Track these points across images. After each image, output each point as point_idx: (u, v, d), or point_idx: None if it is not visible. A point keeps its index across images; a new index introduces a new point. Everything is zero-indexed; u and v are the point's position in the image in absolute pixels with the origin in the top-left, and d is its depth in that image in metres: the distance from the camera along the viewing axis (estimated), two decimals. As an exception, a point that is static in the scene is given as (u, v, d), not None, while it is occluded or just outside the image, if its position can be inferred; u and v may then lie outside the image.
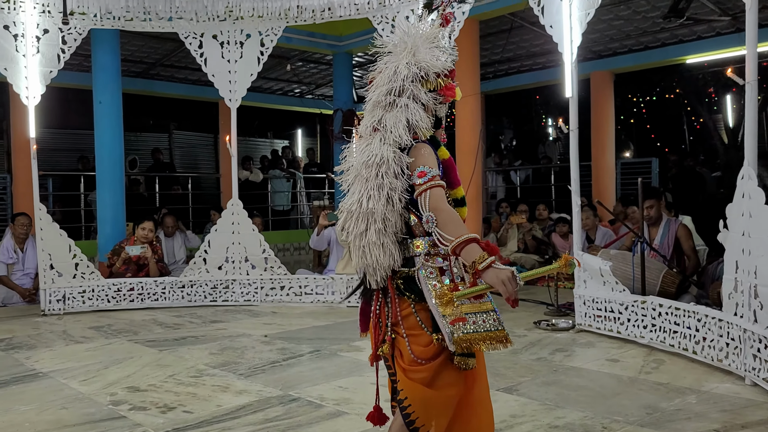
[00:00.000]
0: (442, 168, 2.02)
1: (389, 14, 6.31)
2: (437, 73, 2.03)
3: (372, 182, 1.94)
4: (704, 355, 3.92)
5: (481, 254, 1.75)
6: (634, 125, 15.06)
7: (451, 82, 2.04)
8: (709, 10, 8.09)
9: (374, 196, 1.93)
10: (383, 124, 1.99)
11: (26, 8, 6.13)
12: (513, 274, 1.72)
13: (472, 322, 1.92)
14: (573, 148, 5.07)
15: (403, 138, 1.96)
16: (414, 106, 1.99)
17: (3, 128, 11.59)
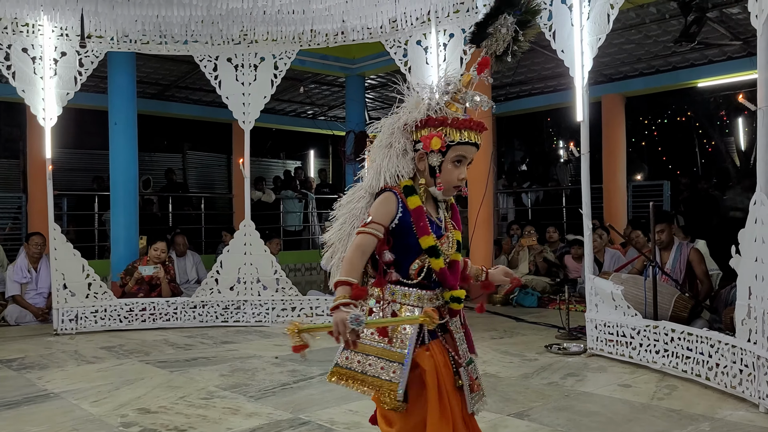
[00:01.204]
0: (410, 215, 2.03)
1: (402, 38, 6.38)
2: (416, 123, 2.05)
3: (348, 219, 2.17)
4: (717, 382, 3.88)
5: (339, 296, 1.88)
6: (646, 148, 15.06)
7: (434, 131, 2.03)
8: (720, 34, 8.12)
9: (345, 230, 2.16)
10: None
11: (44, 31, 6.25)
12: (350, 319, 1.79)
13: (368, 364, 2.01)
14: (584, 172, 5.08)
15: (372, 184, 2.11)
16: (389, 153, 2.08)
17: (19, 148, 11.76)
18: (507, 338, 5.80)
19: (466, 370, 2.09)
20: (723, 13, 7.57)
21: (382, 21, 6.35)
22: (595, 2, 4.85)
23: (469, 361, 2.12)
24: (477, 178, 7.90)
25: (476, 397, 2.12)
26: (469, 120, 2.07)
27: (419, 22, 6.22)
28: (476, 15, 5.83)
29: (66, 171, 11.62)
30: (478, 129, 2.08)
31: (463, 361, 2.09)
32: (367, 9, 6.25)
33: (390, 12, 6.22)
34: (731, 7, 7.37)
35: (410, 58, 6.35)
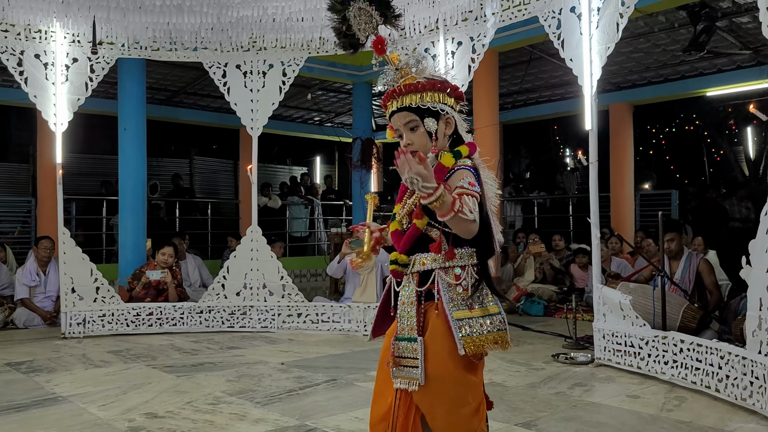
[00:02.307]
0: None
1: (410, 46, 6.40)
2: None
3: None
4: (727, 394, 3.85)
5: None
6: (654, 157, 15.02)
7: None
8: (729, 43, 8.12)
9: None
10: None
11: (57, 38, 6.30)
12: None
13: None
14: (593, 180, 5.07)
15: None
16: None
17: (29, 153, 11.85)
18: (513, 347, 5.75)
19: (393, 344, 2.10)
20: (732, 22, 7.57)
21: (390, 29, 6.35)
22: (605, 11, 4.86)
23: (402, 338, 2.09)
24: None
25: (395, 372, 2.09)
26: (386, 94, 2.13)
27: (427, 30, 6.23)
28: (485, 23, 5.84)
29: (75, 175, 11.68)
30: (393, 96, 2.11)
31: (397, 334, 2.11)
32: (375, 17, 6.26)
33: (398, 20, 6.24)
34: (741, 17, 7.37)
35: (419, 66, 6.36)
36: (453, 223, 1.89)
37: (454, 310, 2.02)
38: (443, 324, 2.03)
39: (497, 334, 2.05)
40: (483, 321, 2.03)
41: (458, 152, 2.10)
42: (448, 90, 2.12)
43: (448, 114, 2.11)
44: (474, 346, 2.00)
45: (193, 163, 14.38)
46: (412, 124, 2.11)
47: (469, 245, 2.08)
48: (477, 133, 8.16)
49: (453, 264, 2.06)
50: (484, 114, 8.08)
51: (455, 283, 2.05)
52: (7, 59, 6.18)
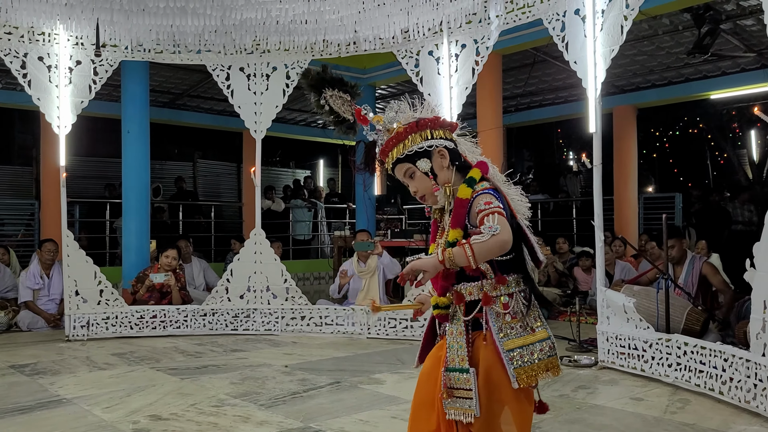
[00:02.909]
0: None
1: (414, 48, 6.41)
2: None
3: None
4: (731, 396, 3.84)
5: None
6: (657, 160, 15.00)
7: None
8: (733, 46, 8.10)
9: None
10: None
11: (60, 40, 6.32)
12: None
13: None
14: (597, 183, 5.06)
15: None
16: None
17: (33, 156, 11.88)
18: (517, 349, 5.76)
19: (444, 375, 2.06)
20: (737, 25, 7.56)
21: (394, 31, 6.38)
22: (609, 13, 4.86)
23: (453, 368, 2.06)
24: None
25: (448, 403, 2.05)
26: (379, 154, 2.21)
27: (431, 33, 6.24)
28: (488, 25, 5.84)
29: (78, 178, 11.71)
30: (384, 155, 2.18)
31: (448, 365, 2.07)
32: (379, 19, 6.28)
33: (402, 22, 6.25)
34: (745, 19, 7.35)
35: (422, 69, 6.38)
36: (482, 257, 1.90)
37: (504, 341, 1.99)
38: (493, 355, 1.99)
39: (548, 361, 2.02)
40: (533, 348, 2.00)
41: (471, 179, 2.07)
42: (428, 124, 2.11)
43: (438, 147, 2.10)
44: (527, 377, 1.97)
45: (196, 166, 14.39)
46: (410, 172, 2.13)
47: (515, 271, 2.07)
48: (480, 137, 8.15)
49: (500, 293, 2.04)
50: (487, 117, 8.07)
51: (503, 312, 2.03)
52: (10, 62, 6.20)
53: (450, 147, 2.13)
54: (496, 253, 1.92)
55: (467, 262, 1.88)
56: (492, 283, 2.04)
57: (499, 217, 1.91)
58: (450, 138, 2.15)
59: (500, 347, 1.97)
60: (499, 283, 2.03)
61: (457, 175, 2.11)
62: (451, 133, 2.17)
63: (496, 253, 1.92)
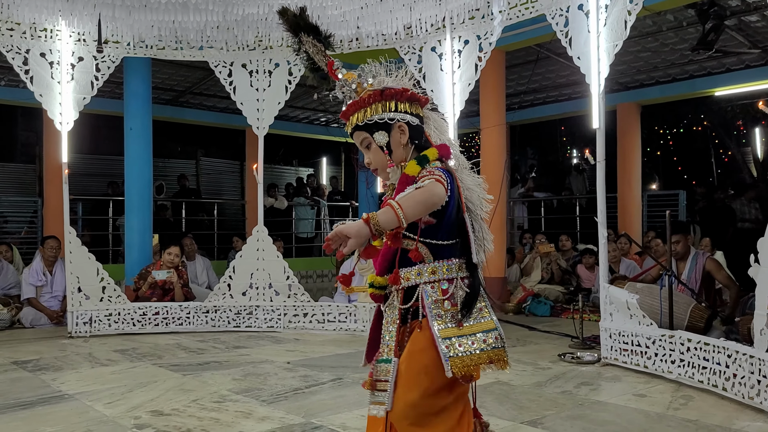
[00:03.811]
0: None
1: (416, 45, 6.39)
2: None
3: None
4: (735, 392, 3.82)
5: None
6: (661, 157, 14.96)
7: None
8: (738, 42, 8.07)
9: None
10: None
11: (62, 37, 6.31)
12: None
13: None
14: (600, 180, 5.04)
15: None
16: None
17: (36, 153, 11.90)
18: (520, 347, 5.75)
19: (372, 367, 1.98)
20: (741, 21, 7.53)
21: (396, 27, 6.36)
22: (612, 8, 4.84)
23: (381, 360, 1.95)
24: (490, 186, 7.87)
25: (371, 398, 1.95)
26: (341, 116, 2.07)
27: (434, 29, 6.22)
28: (492, 21, 5.82)
29: (81, 176, 11.72)
30: (345, 118, 2.03)
31: (380, 356, 1.97)
32: (382, 15, 6.27)
33: (405, 18, 6.24)
34: (750, 15, 7.32)
35: (425, 65, 6.36)
36: (412, 210, 1.72)
37: (442, 328, 1.85)
38: (427, 341, 1.85)
39: (492, 353, 1.87)
40: (475, 338, 1.85)
41: (424, 157, 1.93)
42: (394, 95, 1.96)
43: (400, 121, 1.96)
44: (463, 366, 1.81)
45: (199, 164, 14.40)
46: (366, 143, 2.00)
47: (458, 256, 1.92)
48: (483, 134, 8.14)
49: (439, 277, 1.89)
50: (490, 114, 8.06)
51: (442, 298, 1.88)
52: (12, 58, 6.20)
53: (413, 123, 1.98)
54: (428, 205, 1.76)
55: (396, 219, 1.70)
56: (431, 267, 1.89)
57: (434, 182, 1.77)
58: (417, 113, 2.01)
59: (436, 334, 1.84)
60: (414, 258, 1.87)
61: (414, 155, 1.97)
62: (419, 108, 2.03)
63: (428, 205, 1.76)
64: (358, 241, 1.69)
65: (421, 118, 2.02)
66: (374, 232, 1.70)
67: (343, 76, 2.03)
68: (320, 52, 2.13)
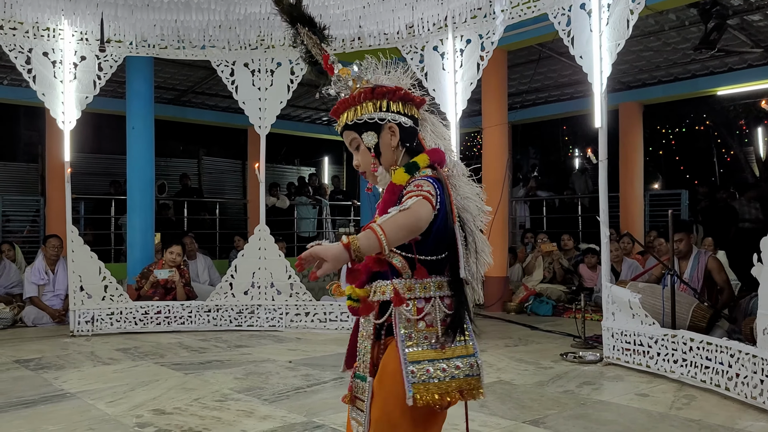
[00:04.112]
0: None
1: (418, 44, 6.38)
2: None
3: None
4: (737, 392, 3.82)
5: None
6: (663, 157, 14.94)
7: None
8: (740, 41, 8.06)
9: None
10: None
11: (65, 36, 6.32)
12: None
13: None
14: (602, 179, 5.03)
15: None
16: None
17: (38, 152, 11.91)
18: (521, 346, 5.75)
19: (352, 381, 1.88)
20: (744, 20, 7.52)
21: (398, 27, 6.36)
22: (615, 7, 4.83)
23: (357, 375, 1.86)
24: (492, 186, 7.87)
25: (353, 412, 1.85)
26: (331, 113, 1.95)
27: (436, 28, 6.22)
28: (494, 20, 5.82)
29: (84, 175, 11.73)
30: (336, 116, 1.92)
31: (357, 370, 1.86)
32: (384, 15, 6.26)
33: (407, 18, 6.23)
34: (752, 14, 7.31)
35: (427, 64, 6.35)
36: (395, 235, 1.59)
37: (411, 350, 1.69)
38: (395, 363, 1.71)
39: (464, 381, 1.70)
40: (447, 364, 1.69)
41: (413, 164, 1.78)
42: (388, 94, 1.83)
43: (391, 122, 1.82)
44: (427, 395, 1.65)
45: (201, 163, 14.41)
46: (355, 143, 1.87)
47: (439, 274, 1.76)
48: (485, 134, 8.14)
49: (416, 295, 1.73)
50: (492, 114, 8.05)
51: (417, 317, 1.71)
52: (15, 57, 6.21)
53: (405, 125, 1.84)
54: (412, 230, 1.63)
55: (378, 245, 1.57)
56: (407, 283, 1.73)
57: (421, 200, 1.64)
58: (411, 114, 1.86)
59: (403, 357, 1.68)
60: (419, 277, 1.73)
61: (405, 159, 1.83)
62: (414, 109, 1.88)
63: (412, 230, 1.63)
64: (334, 266, 1.56)
65: (416, 119, 1.89)
66: (353, 258, 1.57)
67: (338, 72, 1.91)
68: (316, 44, 2.03)
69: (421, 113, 1.92)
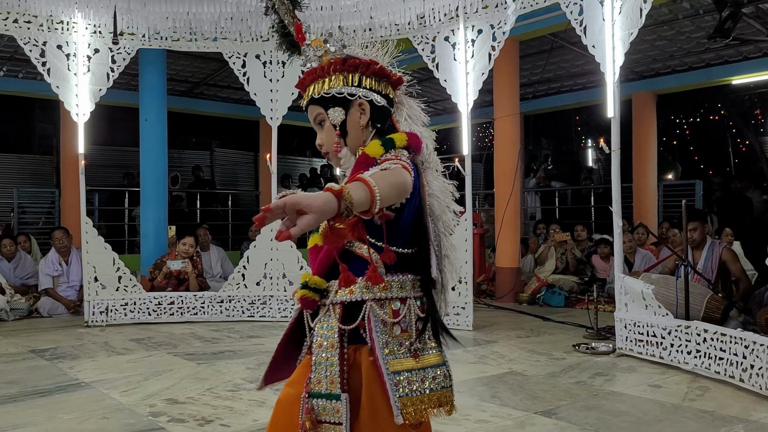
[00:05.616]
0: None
1: (429, 34, 6.35)
2: None
3: None
4: (752, 384, 3.79)
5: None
6: (677, 147, 14.81)
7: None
8: (755, 30, 7.95)
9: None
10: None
11: (78, 29, 6.35)
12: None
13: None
14: (615, 170, 5.00)
15: None
16: None
17: (53, 145, 12.01)
18: (534, 337, 5.74)
19: (306, 402, 1.51)
20: (759, 9, 7.41)
21: (409, 17, 6.33)
22: (628, -4, 4.78)
23: (318, 394, 1.50)
24: (504, 176, 7.84)
25: None
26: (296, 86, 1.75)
27: (447, 18, 6.18)
28: (505, 10, 5.78)
29: (98, 167, 11.81)
30: (302, 88, 1.70)
31: (312, 387, 1.51)
32: (395, 5, 6.24)
33: (418, 8, 6.20)
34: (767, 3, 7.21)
35: (438, 55, 6.32)
36: (387, 192, 1.32)
37: (390, 359, 1.47)
38: (377, 375, 1.48)
39: (441, 394, 1.52)
40: (425, 374, 1.50)
41: (390, 141, 1.57)
42: (361, 68, 1.62)
43: (362, 98, 1.62)
44: (414, 411, 1.46)
45: (213, 155, 14.45)
46: (319, 119, 1.66)
47: (413, 271, 1.56)
48: (497, 124, 8.10)
49: (391, 295, 1.52)
50: (504, 104, 8.02)
51: (393, 321, 1.50)
52: (30, 50, 6.25)
53: (378, 104, 1.64)
54: (401, 191, 1.40)
55: (370, 199, 1.27)
56: (385, 281, 1.51)
57: (401, 168, 1.43)
58: (386, 93, 1.66)
59: (384, 367, 1.46)
60: (385, 260, 1.48)
61: (374, 141, 1.61)
62: (389, 88, 1.68)
63: (401, 191, 1.40)
64: (318, 220, 1.21)
65: (391, 100, 1.68)
66: (342, 212, 1.23)
67: (309, 41, 1.70)
68: (289, 12, 1.92)
69: (398, 95, 1.72)
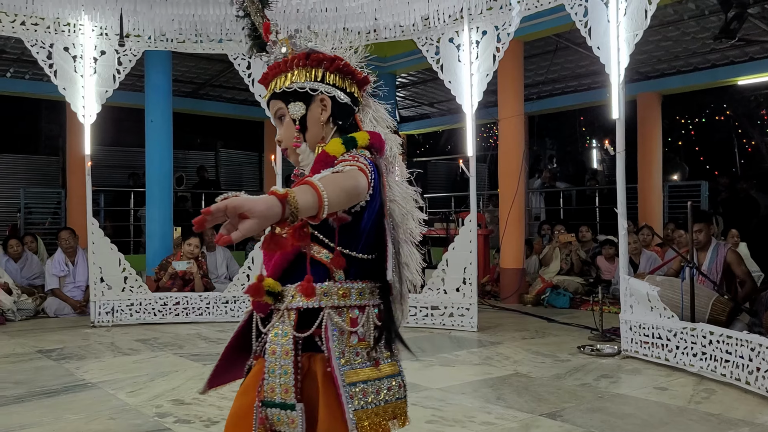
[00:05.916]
0: None
1: (434, 36, 6.36)
2: None
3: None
4: (758, 386, 3.78)
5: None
6: (683, 147, 14.78)
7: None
8: (761, 30, 7.93)
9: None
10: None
11: (85, 31, 6.38)
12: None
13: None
14: (620, 171, 5.00)
15: None
16: None
17: (59, 145, 12.06)
18: (538, 338, 5.74)
19: (258, 410, 1.44)
20: (765, 9, 7.40)
21: (414, 18, 6.34)
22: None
23: (272, 403, 1.44)
24: (508, 177, 7.84)
25: None
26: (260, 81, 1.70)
27: (452, 20, 6.18)
28: (510, 11, 5.78)
29: (104, 168, 11.85)
30: (262, 83, 1.66)
31: (264, 396, 1.44)
32: (399, 6, 6.24)
33: (423, 9, 6.21)
34: (773, 3, 7.20)
35: (442, 56, 6.33)
36: (336, 197, 1.26)
37: (346, 369, 1.41)
38: (332, 386, 1.41)
39: (396, 405, 1.48)
40: (380, 385, 1.46)
41: (351, 139, 1.51)
42: (324, 63, 1.58)
43: (324, 94, 1.57)
44: (369, 425, 1.41)
45: (218, 156, 14.50)
46: (280, 113, 1.62)
47: (372, 278, 1.51)
48: (501, 125, 8.10)
49: (350, 303, 1.46)
50: (509, 105, 8.02)
51: (350, 329, 1.45)
52: (37, 52, 6.28)
53: (341, 100, 1.58)
54: (352, 195, 1.34)
55: (317, 204, 1.21)
56: (341, 287, 1.46)
57: (357, 170, 1.37)
58: (351, 92, 1.62)
59: (340, 379, 1.39)
60: (335, 265, 1.44)
61: (335, 138, 1.55)
62: (354, 87, 1.63)
63: (352, 195, 1.34)
64: (261, 225, 1.14)
65: (356, 98, 1.63)
66: (287, 217, 1.18)
67: (277, 39, 1.71)
68: (258, 11, 1.90)
69: (365, 97, 1.68)
